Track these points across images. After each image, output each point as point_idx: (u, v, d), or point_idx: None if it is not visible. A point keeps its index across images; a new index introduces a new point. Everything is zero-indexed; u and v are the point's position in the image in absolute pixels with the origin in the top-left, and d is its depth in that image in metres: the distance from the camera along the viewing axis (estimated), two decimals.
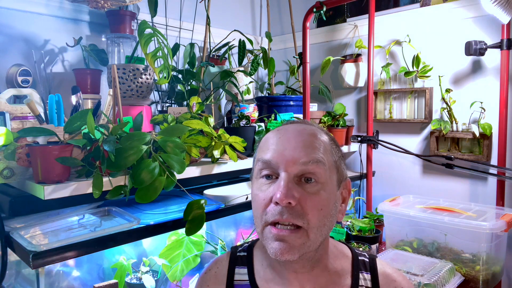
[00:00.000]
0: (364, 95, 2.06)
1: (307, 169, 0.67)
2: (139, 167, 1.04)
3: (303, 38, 1.74)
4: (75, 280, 1.26)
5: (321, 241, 0.69)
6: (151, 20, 1.67)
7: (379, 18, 1.89)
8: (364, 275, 0.76)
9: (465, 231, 1.31)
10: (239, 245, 0.86)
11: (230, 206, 1.33)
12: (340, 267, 0.76)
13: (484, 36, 1.64)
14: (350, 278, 0.75)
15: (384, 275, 0.77)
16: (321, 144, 0.70)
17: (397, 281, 0.77)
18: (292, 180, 0.66)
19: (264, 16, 2.43)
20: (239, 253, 0.83)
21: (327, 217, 0.68)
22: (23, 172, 1.01)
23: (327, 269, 0.74)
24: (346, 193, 0.76)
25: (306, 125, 0.74)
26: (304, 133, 0.71)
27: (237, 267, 0.81)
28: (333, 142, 0.75)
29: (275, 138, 0.71)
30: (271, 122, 1.64)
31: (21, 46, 1.44)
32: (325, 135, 0.74)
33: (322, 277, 0.73)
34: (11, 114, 1.16)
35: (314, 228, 0.66)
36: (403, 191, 1.87)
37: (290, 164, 0.67)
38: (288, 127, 0.74)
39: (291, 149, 0.68)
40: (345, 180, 0.75)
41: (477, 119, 1.65)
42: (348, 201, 0.77)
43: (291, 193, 0.65)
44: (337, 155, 0.73)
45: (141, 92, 1.46)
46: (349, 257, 0.79)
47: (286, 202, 0.64)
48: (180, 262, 1.43)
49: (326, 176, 0.68)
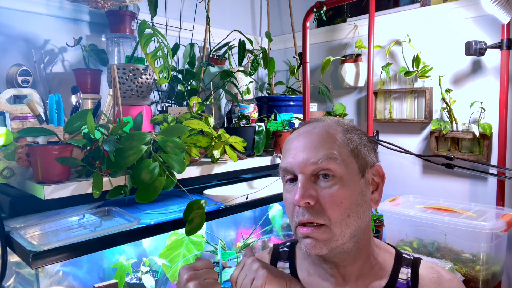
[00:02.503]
0: (364, 95, 2.06)
1: (320, 166, 0.68)
2: (139, 167, 1.04)
3: (303, 38, 1.74)
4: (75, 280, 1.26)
5: (351, 233, 0.69)
6: (151, 20, 1.67)
7: (379, 18, 1.89)
8: (404, 269, 0.76)
9: (465, 231, 1.31)
10: (281, 243, 0.89)
11: (230, 206, 1.33)
12: (383, 260, 0.77)
13: (484, 36, 1.64)
14: (391, 270, 0.76)
15: (428, 268, 0.76)
16: (331, 139, 0.71)
17: (441, 274, 0.75)
18: (309, 180, 0.69)
19: (264, 16, 2.43)
20: (281, 249, 0.86)
21: (350, 209, 0.68)
22: (23, 172, 1.01)
23: (369, 262, 0.75)
24: (379, 179, 0.75)
25: (317, 123, 0.75)
26: (313, 133, 0.72)
27: (279, 262, 0.84)
28: (349, 131, 0.73)
29: (289, 144, 0.74)
30: (271, 122, 1.64)
31: (21, 46, 1.44)
32: (337, 127, 0.73)
33: (364, 270, 0.74)
34: (11, 114, 1.15)
35: (337, 222, 0.67)
36: (403, 191, 1.87)
37: (302, 166, 0.69)
38: (300, 129, 0.76)
39: (301, 152, 0.70)
40: (371, 165, 0.74)
41: (477, 119, 1.65)
42: (382, 187, 0.75)
43: (308, 193, 0.67)
44: (356, 143, 0.72)
45: (141, 92, 1.46)
46: (392, 253, 0.79)
47: (304, 203, 0.67)
48: (180, 262, 1.43)
49: (341, 169, 0.68)
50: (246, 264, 0.72)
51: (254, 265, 0.70)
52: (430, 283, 0.73)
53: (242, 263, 0.73)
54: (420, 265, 0.76)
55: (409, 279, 0.74)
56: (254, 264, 0.70)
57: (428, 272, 0.75)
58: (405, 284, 0.74)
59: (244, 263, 0.72)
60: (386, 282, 0.74)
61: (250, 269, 0.70)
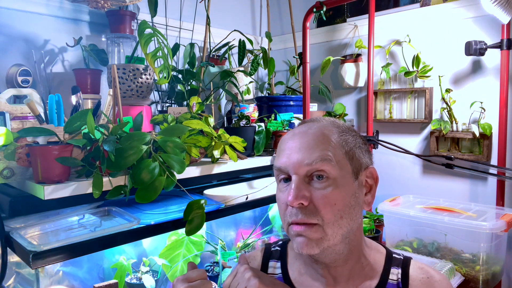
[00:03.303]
0: (364, 95, 2.06)
1: (314, 168, 0.68)
2: (139, 167, 1.04)
3: (303, 38, 1.74)
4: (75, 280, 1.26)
5: (343, 234, 0.69)
6: (151, 20, 1.67)
7: (379, 18, 1.90)
8: (394, 270, 0.76)
9: (465, 231, 1.31)
10: (273, 242, 0.89)
11: (230, 206, 1.32)
12: (374, 261, 0.77)
13: (484, 36, 1.64)
14: (381, 271, 0.76)
15: (418, 268, 0.77)
16: (326, 140, 0.71)
17: (431, 275, 0.75)
18: (302, 181, 0.68)
19: (264, 16, 2.43)
20: (273, 248, 0.86)
21: (343, 210, 0.68)
22: (23, 172, 1.01)
23: (360, 263, 0.75)
24: (372, 181, 0.75)
25: (313, 124, 0.75)
26: (308, 134, 0.72)
27: (271, 261, 0.84)
28: (344, 132, 0.73)
29: (284, 144, 0.74)
30: (271, 122, 1.64)
31: (21, 46, 1.44)
32: (332, 129, 0.73)
33: (355, 271, 0.75)
34: (11, 114, 1.15)
35: (329, 223, 0.67)
36: (403, 191, 1.87)
37: (297, 166, 0.69)
38: (296, 130, 0.75)
39: (296, 152, 0.70)
40: (365, 168, 0.74)
41: (477, 119, 1.65)
42: (375, 190, 0.75)
43: (302, 194, 0.67)
44: (350, 144, 0.72)
45: (141, 92, 1.46)
46: (383, 253, 0.80)
47: (297, 204, 0.67)
48: (180, 262, 1.43)
49: (335, 170, 0.68)
50: (238, 272, 0.72)
51: (246, 273, 0.70)
52: (420, 284, 0.74)
53: (235, 271, 0.73)
54: (410, 266, 0.77)
55: (400, 280, 0.75)
56: (246, 273, 0.70)
57: (418, 273, 0.75)
58: (396, 285, 0.74)
59: (237, 271, 0.73)
60: (377, 283, 0.74)
61: (242, 278, 0.70)
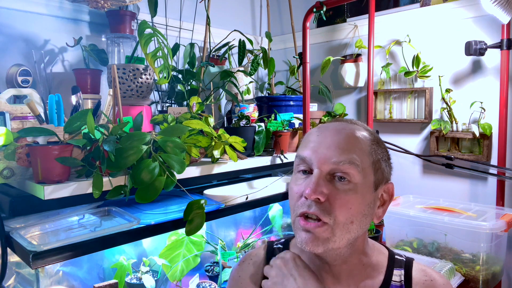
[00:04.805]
0: (364, 95, 2.06)
1: (339, 168, 0.68)
2: (139, 167, 1.04)
3: (303, 38, 1.74)
4: (75, 280, 1.26)
5: (349, 239, 0.69)
6: (151, 20, 1.67)
7: (379, 18, 1.89)
8: (397, 271, 0.76)
9: (465, 231, 1.31)
10: (275, 240, 0.90)
11: (230, 206, 1.32)
12: (376, 261, 0.77)
13: (484, 36, 1.64)
14: (384, 272, 0.76)
15: (420, 271, 0.77)
16: (358, 145, 0.70)
17: (434, 278, 0.75)
18: (323, 177, 0.68)
19: (264, 16, 2.43)
20: (276, 246, 0.86)
21: (356, 216, 0.68)
22: (23, 172, 1.01)
23: (361, 263, 0.75)
24: (387, 197, 0.75)
25: (348, 124, 0.75)
26: (342, 133, 0.71)
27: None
28: (376, 142, 0.74)
29: (314, 135, 0.74)
30: (271, 122, 1.64)
31: (21, 46, 1.44)
32: (366, 135, 0.73)
33: (356, 270, 0.75)
34: (11, 114, 1.15)
35: (340, 225, 0.67)
36: (403, 191, 1.87)
37: (322, 161, 0.69)
38: (329, 125, 0.75)
39: (325, 148, 0.70)
40: (385, 182, 0.74)
41: (477, 119, 1.65)
42: (388, 205, 0.76)
43: (320, 189, 0.67)
44: (379, 156, 0.73)
45: (141, 92, 1.46)
46: (385, 254, 0.80)
47: (315, 198, 0.67)
48: (180, 262, 1.43)
49: (359, 177, 0.68)
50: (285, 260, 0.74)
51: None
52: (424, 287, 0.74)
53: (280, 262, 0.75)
54: (412, 268, 0.77)
55: (403, 282, 0.75)
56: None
57: (421, 275, 0.76)
58: (399, 286, 0.74)
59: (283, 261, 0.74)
60: (381, 283, 0.75)
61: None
